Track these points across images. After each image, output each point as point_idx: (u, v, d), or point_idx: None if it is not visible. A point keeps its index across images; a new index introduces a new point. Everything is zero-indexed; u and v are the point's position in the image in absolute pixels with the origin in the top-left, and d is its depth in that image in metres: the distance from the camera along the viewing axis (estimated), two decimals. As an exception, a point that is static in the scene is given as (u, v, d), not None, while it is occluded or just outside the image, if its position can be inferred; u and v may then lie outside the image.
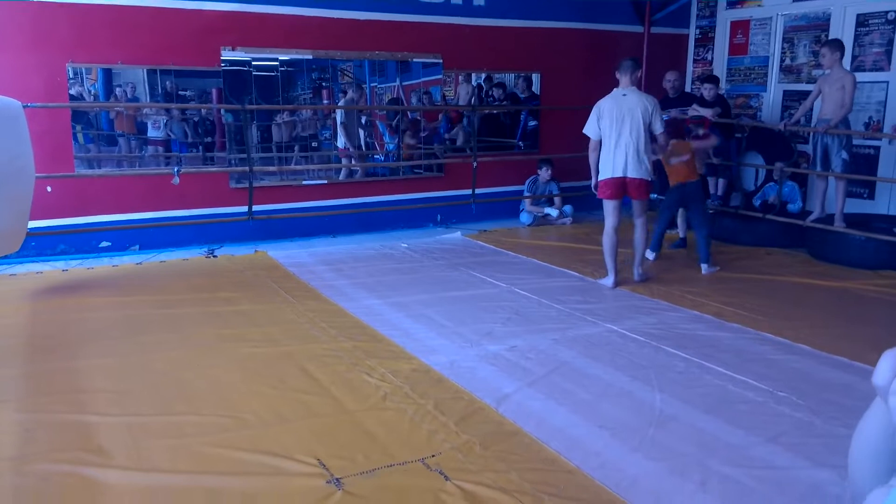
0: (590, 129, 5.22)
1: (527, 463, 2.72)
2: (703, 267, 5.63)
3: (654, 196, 6.08)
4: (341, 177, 7.37)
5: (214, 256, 6.17)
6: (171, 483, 2.59)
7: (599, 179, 5.22)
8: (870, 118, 7.10)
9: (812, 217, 6.33)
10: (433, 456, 2.76)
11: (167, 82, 6.37)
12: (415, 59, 7.46)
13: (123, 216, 6.23)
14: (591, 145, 5.26)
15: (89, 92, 6.17)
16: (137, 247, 6.34)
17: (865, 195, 7.13)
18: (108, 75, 6.20)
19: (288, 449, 2.81)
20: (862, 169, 7.03)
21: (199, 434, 2.94)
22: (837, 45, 6.06)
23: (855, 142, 7.32)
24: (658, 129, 5.13)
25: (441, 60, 7.52)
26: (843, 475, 2.56)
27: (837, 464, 2.67)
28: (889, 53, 6.84)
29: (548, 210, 7.83)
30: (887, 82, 6.83)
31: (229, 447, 2.82)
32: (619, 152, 5.07)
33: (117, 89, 6.27)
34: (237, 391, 3.38)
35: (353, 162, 7.56)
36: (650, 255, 5.79)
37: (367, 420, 3.08)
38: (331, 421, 3.08)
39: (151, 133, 6.54)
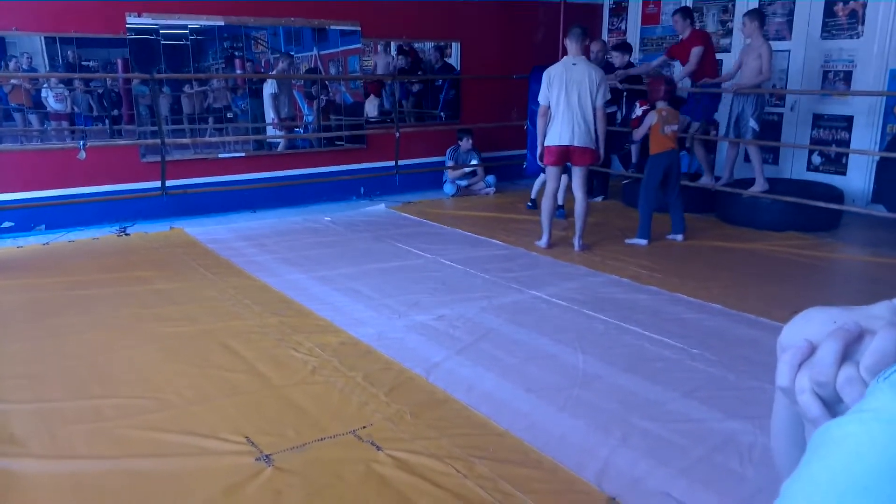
0: (541, 95, 5.25)
1: (457, 429, 2.76)
2: (679, 237, 5.65)
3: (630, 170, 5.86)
4: (280, 148, 7.23)
5: (127, 234, 5.92)
6: (93, 469, 2.49)
7: (545, 145, 5.27)
8: (773, 85, 7.42)
9: (721, 182, 6.58)
10: (364, 427, 2.76)
11: (68, 51, 6.00)
12: (332, 27, 7.30)
13: (26, 194, 5.88)
14: (541, 110, 5.29)
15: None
16: (43, 226, 6.01)
17: (770, 160, 7.48)
18: (1, 44, 5.80)
19: (214, 428, 2.75)
20: (767, 135, 7.38)
21: (118, 417, 2.84)
22: (757, 14, 6.16)
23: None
24: (600, 102, 5.15)
25: (360, 28, 7.38)
26: (755, 425, 2.73)
27: (750, 414, 2.83)
28: (790, 23, 7.15)
29: (468, 180, 7.86)
30: (789, 51, 7.14)
31: (152, 429, 2.74)
32: (566, 120, 5.12)
33: (12, 60, 5.87)
34: (158, 371, 3.28)
35: (291, 132, 7.38)
36: (642, 242, 5.56)
37: (296, 395, 3.05)
38: (258, 397, 3.04)
39: (54, 106, 6.18)
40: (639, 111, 6.24)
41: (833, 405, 0.48)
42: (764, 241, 5.68)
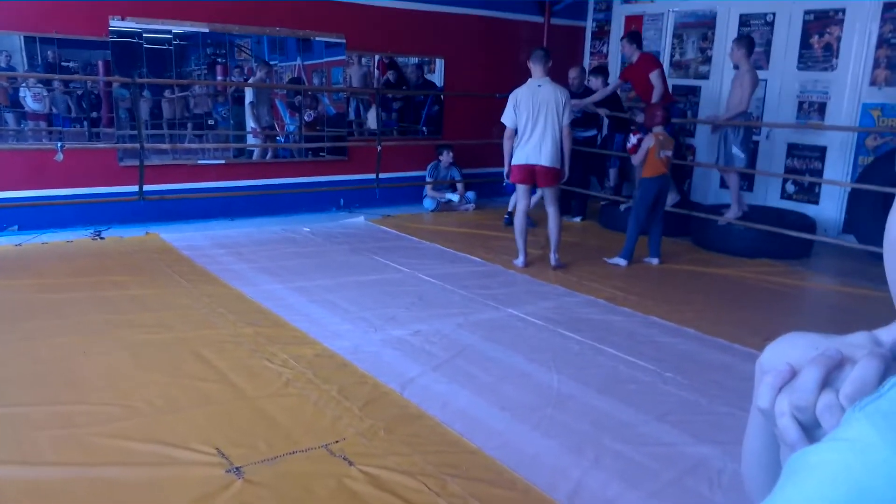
0: (507, 117, 5.33)
1: (431, 446, 2.76)
2: (655, 260, 5.71)
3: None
4: (255, 157, 7.19)
5: (101, 238, 5.85)
6: (59, 476, 2.45)
7: (512, 165, 5.34)
8: (750, 114, 7.56)
9: (731, 215, 6.29)
10: (337, 441, 2.75)
11: (49, 52, 5.94)
12: (317, 38, 7.31)
13: (0, 194, 5.78)
14: (507, 133, 5.36)
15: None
16: (16, 227, 5.92)
17: (745, 187, 7.60)
18: (-20, 41, 5.73)
19: (184, 438, 2.72)
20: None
21: (88, 424, 2.79)
22: (745, 41, 6.13)
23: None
24: (566, 121, 5.25)
25: (344, 41, 7.40)
26: (725, 450, 2.76)
27: (720, 440, 2.86)
28: (768, 53, 7.31)
29: (449, 195, 7.90)
30: (766, 80, 7.30)
31: (121, 437, 2.71)
32: (533, 141, 5.21)
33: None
34: (129, 379, 3.24)
35: (265, 142, 7.35)
36: (622, 262, 5.60)
37: (269, 407, 3.03)
38: (229, 408, 3.01)
39: (32, 106, 6.10)
40: (633, 140, 6.25)
41: (811, 430, 0.49)
42: (737, 267, 5.77)
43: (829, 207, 6.98)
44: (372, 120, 7.93)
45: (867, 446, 0.41)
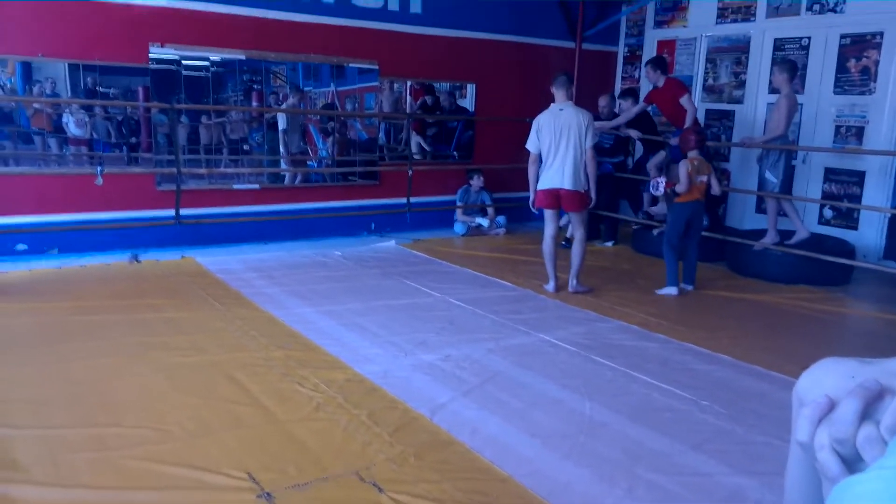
0: (530, 143, 5.36)
1: (461, 472, 2.73)
2: (689, 287, 5.61)
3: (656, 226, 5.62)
4: (286, 182, 7.29)
5: (139, 262, 5.95)
6: (93, 499, 2.48)
7: (538, 190, 5.34)
8: (787, 137, 7.47)
9: (767, 240, 6.23)
10: (367, 468, 2.73)
11: (89, 78, 6.12)
12: (350, 65, 7.42)
13: (41, 217, 5.93)
14: (531, 158, 5.37)
15: (4, 86, 5.87)
16: (56, 250, 6.06)
17: (781, 213, 7.48)
18: (27, 69, 5.92)
19: (216, 462, 2.73)
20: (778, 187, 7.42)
21: (121, 447, 2.83)
22: (785, 65, 6.03)
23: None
24: (589, 143, 5.25)
25: (377, 67, 7.50)
26: (762, 481, 2.69)
27: (757, 470, 2.79)
28: (803, 77, 7.22)
29: (479, 220, 7.90)
30: (802, 104, 7.20)
31: (154, 460, 2.73)
32: (557, 166, 5.22)
33: (36, 85, 5.99)
34: (162, 401, 3.27)
35: (303, 165, 7.46)
36: (673, 290, 5.48)
37: (299, 431, 3.03)
38: (261, 432, 3.02)
39: (74, 131, 6.27)
40: (658, 185, 5.93)
41: (852, 463, 0.48)
42: (774, 293, 5.66)
43: (870, 233, 6.83)
44: (414, 146, 8.09)
45: None
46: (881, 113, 6.72)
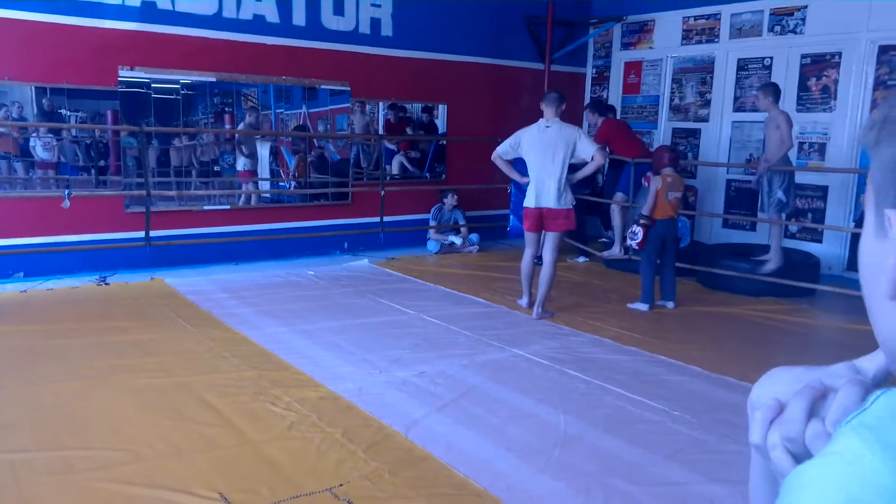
0: (501, 147, 5.31)
1: (436, 488, 2.72)
2: (670, 304, 5.63)
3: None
4: (240, 202, 7.21)
5: (106, 284, 5.86)
6: (58, 523, 2.42)
7: (524, 206, 5.28)
8: (750, 155, 7.64)
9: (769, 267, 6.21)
10: (341, 485, 2.71)
11: (58, 101, 6.05)
12: (322, 86, 7.44)
13: (7, 241, 5.82)
14: (494, 154, 5.33)
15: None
16: (22, 274, 5.94)
17: (748, 227, 7.63)
18: (-8, 92, 5.84)
19: (187, 483, 2.68)
20: (742, 204, 7.58)
21: (89, 469, 2.76)
22: (768, 88, 6.06)
23: (730, 176, 7.86)
24: (588, 152, 5.10)
25: (349, 88, 7.53)
26: (735, 489, 2.71)
27: (730, 478, 2.81)
28: (766, 96, 7.38)
29: (452, 238, 7.93)
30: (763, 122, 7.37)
31: (123, 482, 2.67)
32: (539, 183, 5.14)
33: (2, 108, 5.90)
34: (131, 423, 3.21)
35: (256, 186, 7.43)
36: (644, 306, 5.53)
37: (272, 450, 2.99)
38: (233, 452, 2.98)
39: (41, 155, 6.19)
40: (638, 234, 6.03)
41: (803, 459, 0.50)
42: (742, 306, 5.74)
43: (834, 245, 6.98)
44: (397, 166, 8.20)
45: (856, 458, 0.43)
46: (842, 129, 6.91)
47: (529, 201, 5.23)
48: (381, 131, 7.94)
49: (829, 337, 5.29)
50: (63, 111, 6.10)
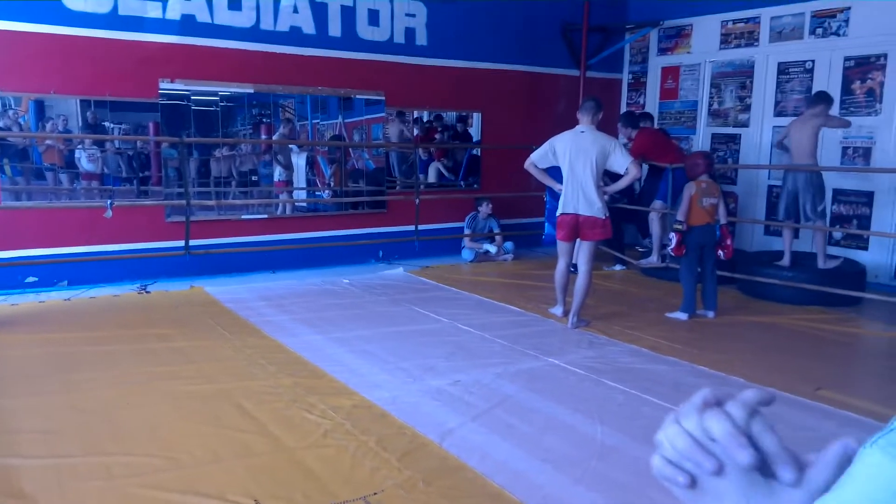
0: (536, 153, 5.26)
1: (470, 499, 2.70)
2: (711, 314, 5.53)
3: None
4: (278, 212, 7.30)
5: (147, 292, 5.98)
6: (99, 527, 2.46)
7: (558, 214, 5.24)
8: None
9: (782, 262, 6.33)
10: (375, 493, 2.70)
11: (101, 114, 6.21)
12: (357, 96, 7.50)
13: (52, 250, 5.99)
14: (527, 162, 5.29)
15: (19, 124, 5.97)
16: (66, 282, 6.10)
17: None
18: (40, 106, 6.02)
19: (223, 489, 2.71)
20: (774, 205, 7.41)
21: (129, 475, 2.81)
22: (818, 97, 6.05)
23: (772, 182, 7.69)
24: (622, 165, 5.03)
25: (384, 98, 7.58)
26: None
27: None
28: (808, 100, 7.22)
29: (486, 246, 7.90)
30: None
31: (162, 488, 2.71)
32: (571, 189, 5.08)
33: (49, 121, 6.08)
34: (170, 430, 3.26)
35: (291, 196, 7.51)
36: (683, 316, 5.43)
37: (307, 458, 3.01)
38: (268, 459, 3.00)
39: (86, 166, 6.35)
40: (674, 240, 5.93)
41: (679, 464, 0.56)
42: (784, 315, 5.61)
43: (880, 253, 6.79)
44: (434, 173, 8.27)
45: (891, 478, 0.45)
46: (888, 133, 6.72)
47: (564, 208, 5.17)
48: (413, 140, 7.97)
49: (877, 346, 5.13)
50: (106, 123, 6.26)
